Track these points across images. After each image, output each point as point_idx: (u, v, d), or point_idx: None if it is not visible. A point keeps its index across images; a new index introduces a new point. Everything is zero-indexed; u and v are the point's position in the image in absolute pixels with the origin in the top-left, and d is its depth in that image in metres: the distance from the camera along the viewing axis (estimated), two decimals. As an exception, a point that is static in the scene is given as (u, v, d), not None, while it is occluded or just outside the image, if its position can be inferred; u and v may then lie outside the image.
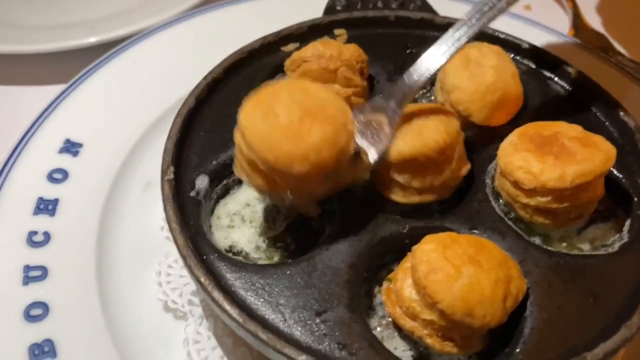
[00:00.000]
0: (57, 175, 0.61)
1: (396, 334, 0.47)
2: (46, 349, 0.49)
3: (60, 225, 0.58)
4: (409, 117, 0.51)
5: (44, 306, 0.52)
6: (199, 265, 0.45)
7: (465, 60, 0.57)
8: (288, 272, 0.46)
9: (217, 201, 0.54)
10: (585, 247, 0.52)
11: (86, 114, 0.67)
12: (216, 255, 0.47)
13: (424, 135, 0.50)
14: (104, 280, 0.55)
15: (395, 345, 0.46)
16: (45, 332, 0.50)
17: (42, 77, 0.78)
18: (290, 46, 0.65)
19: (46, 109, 0.66)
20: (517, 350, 0.43)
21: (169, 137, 0.54)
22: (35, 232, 0.56)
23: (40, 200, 0.59)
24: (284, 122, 0.43)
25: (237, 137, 0.45)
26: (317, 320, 0.44)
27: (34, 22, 0.83)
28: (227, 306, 0.43)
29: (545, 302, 0.45)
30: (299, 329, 0.43)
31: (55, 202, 0.59)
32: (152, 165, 0.65)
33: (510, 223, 0.51)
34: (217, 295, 0.43)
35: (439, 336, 0.43)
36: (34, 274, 0.53)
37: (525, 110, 0.59)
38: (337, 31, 0.67)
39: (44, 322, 0.51)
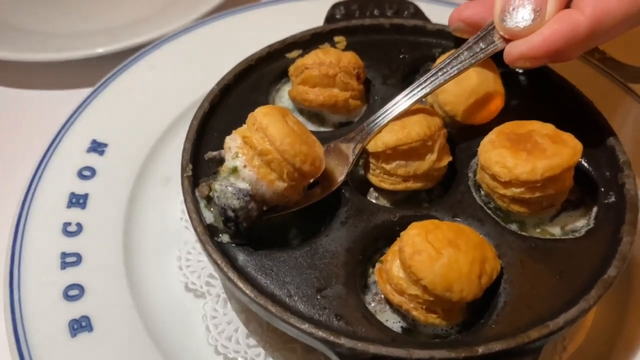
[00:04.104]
0: (86, 173, 0.68)
1: (387, 308, 0.53)
2: (83, 324, 0.56)
3: (91, 217, 0.64)
4: (396, 117, 0.58)
5: (80, 287, 0.58)
6: (216, 250, 0.52)
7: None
8: (293, 255, 0.53)
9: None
10: (557, 233, 0.57)
11: (110, 116, 0.74)
12: (228, 241, 0.54)
13: (407, 128, 0.57)
14: (131, 264, 0.62)
15: (387, 317, 0.52)
16: (82, 309, 0.57)
17: (67, 82, 0.84)
18: (294, 53, 0.72)
19: (74, 112, 0.73)
20: (491, 320, 0.49)
21: (187, 138, 0.60)
22: (69, 223, 0.63)
23: (72, 195, 0.66)
24: (297, 130, 0.52)
25: (251, 135, 0.52)
26: (318, 296, 0.50)
27: (59, 30, 0.89)
28: (241, 284, 0.49)
29: (517, 280, 0.51)
30: (303, 303, 0.50)
31: (86, 196, 0.66)
32: (170, 163, 0.72)
33: (489, 212, 0.57)
34: (232, 275, 0.50)
35: (424, 309, 0.50)
36: (69, 260, 0.60)
37: (505, 110, 0.65)
38: (336, 38, 0.73)
39: (80, 301, 0.57)
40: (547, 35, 0.50)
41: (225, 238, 0.54)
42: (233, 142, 0.53)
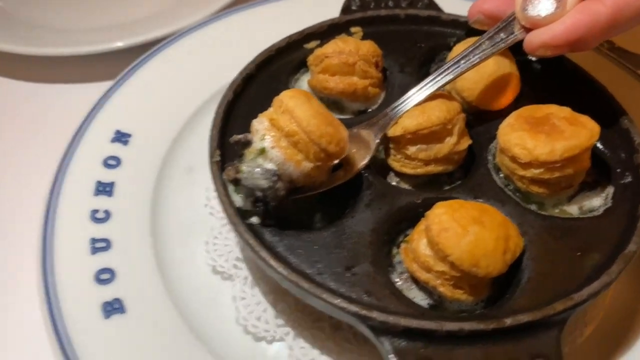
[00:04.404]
0: (112, 162, 0.70)
1: (414, 286, 0.54)
2: (116, 306, 0.57)
3: (118, 204, 0.66)
4: (419, 103, 0.60)
5: (111, 271, 0.60)
6: (247, 231, 0.53)
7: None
8: (320, 235, 0.54)
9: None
10: (575, 212, 0.59)
11: (132, 108, 0.75)
12: (259, 223, 0.55)
13: (427, 113, 0.58)
14: (159, 249, 0.63)
15: (414, 295, 0.54)
16: (114, 292, 0.58)
17: (87, 76, 0.86)
18: (312, 43, 0.73)
19: (97, 104, 0.74)
20: (516, 295, 0.50)
21: (213, 125, 0.62)
22: (97, 210, 0.65)
23: (99, 183, 0.67)
24: (323, 112, 0.54)
25: (278, 117, 0.53)
26: (347, 274, 0.52)
27: (79, 26, 0.91)
28: (273, 263, 0.51)
29: (539, 257, 0.53)
30: (333, 280, 0.51)
31: (112, 184, 0.67)
32: (192, 152, 0.74)
33: (509, 193, 0.59)
34: (265, 254, 0.51)
35: (450, 285, 0.51)
36: (99, 245, 0.62)
37: (520, 95, 0.67)
38: (353, 29, 0.75)
39: (112, 285, 0.59)
40: (569, 24, 0.52)
41: (254, 220, 0.55)
42: (260, 124, 0.54)
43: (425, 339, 0.47)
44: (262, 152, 0.52)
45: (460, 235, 0.49)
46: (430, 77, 0.60)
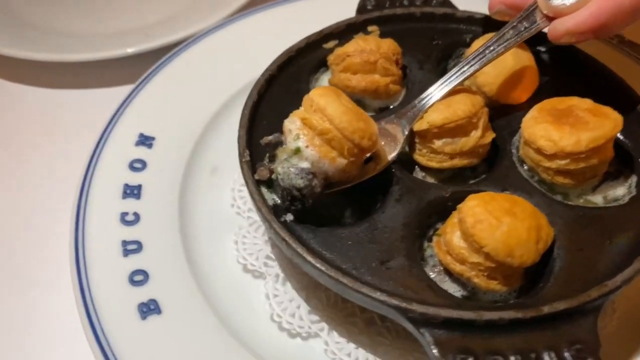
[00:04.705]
0: (137, 165, 0.70)
1: (447, 278, 0.55)
2: (152, 306, 0.58)
3: (146, 206, 0.66)
4: (446, 94, 0.61)
5: (144, 273, 0.60)
6: (283, 228, 0.54)
7: (487, 47, 0.67)
8: (354, 231, 0.55)
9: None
10: (600, 202, 0.60)
11: (153, 111, 0.76)
12: (292, 220, 0.56)
13: (452, 107, 0.59)
14: (189, 249, 0.64)
15: (447, 287, 0.54)
16: (149, 293, 0.59)
17: (107, 80, 0.87)
18: (331, 43, 0.74)
19: (119, 108, 0.75)
20: (549, 284, 0.51)
21: (240, 126, 0.63)
22: (127, 213, 0.65)
23: (126, 186, 0.68)
24: (352, 108, 0.55)
25: (310, 116, 0.54)
26: (383, 268, 0.52)
27: (96, 31, 0.92)
28: (311, 258, 0.52)
29: (569, 246, 0.54)
30: (369, 274, 0.52)
31: (139, 187, 0.68)
32: (215, 153, 0.74)
33: (535, 184, 0.60)
34: (302, 250, 0.52)
35: (485, 276, 0.52)
36: (131, 247, 0.62)
37: (540, 88, 0.68)
38: (370, 28, 0.76)
39: (146, 286, 0.59)
40: (594, 10, 0.53)
41: (288, 217, 0.56)
42: (292, 124, 0.55)
43: (464, 329, 0.48)
44: (297, 151, 0.53)
45: (494, 226, 0.50)
46: (457, 68, 0.61)
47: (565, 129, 0.57)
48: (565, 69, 0.70)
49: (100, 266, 0.61)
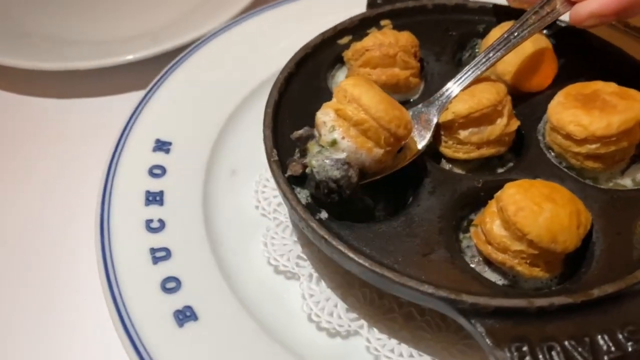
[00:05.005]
0: (157, 171, 0.69)
1: (487, 268, 0.55)
2: (188, 313, 0.57)
3: (170, 212, 0.65)
4: (465, 88, 0.61)
5: (176, 280, 0.59)
6: (321, 226, 0.53)
7: (505, 36, 0.67)
8: (391, 225, 0.55)
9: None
10: (629, 184, 0.60)
11: (167, 115, 0.74)
12: (327, 217, 0.55)
13: (477, 96, 0.59)
14: (218, 253, 0.63)
15: (487, 277, 0.55)
16: (183, 300, 0.58)
17: (117, 87, 0.85)
18: (345, 39, 0.73)
19: (132, 115, 0.73)
20: (592, 268, 0.51)
21: (265, 126, 0.61)
22: (151, 220, 0.64)
23: (148, 193, 0.66)
24: (387, 97, 0.54)
25: (344, 107, 0.53)
26: (425, 261, 0.52)
27: (102, 38, 0.90)
28: (353, 255, 0.51)
29: (607, 229, 0.54)
30: (412, 268, 0.51)
31: (161, 193, 0.67)
32: (233, 155, 0.73)
33: (565, 170, 0.60)
34: (343, 247, 0.51)
35: (527, 263, 0.52)
36: (159, 255, 0.61)
37: (559, 76, 0.68)
38: (383, 22, 0.75)
39: (179, 293, 0.58)
40: None
41: (323, 215, 0.55)
42: (326, 116, 0.54)
43: (516, 318, 0.48)
44: (334, 143, 0.52)
45: (536, 213, 0.50)
46: (483, 54, 0.61)
47: (595, 113, 0.57)
48: (581, 54, 0.71)
49: (131, 276, 0.59)
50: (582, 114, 0.57)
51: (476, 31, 0.75)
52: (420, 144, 0.59)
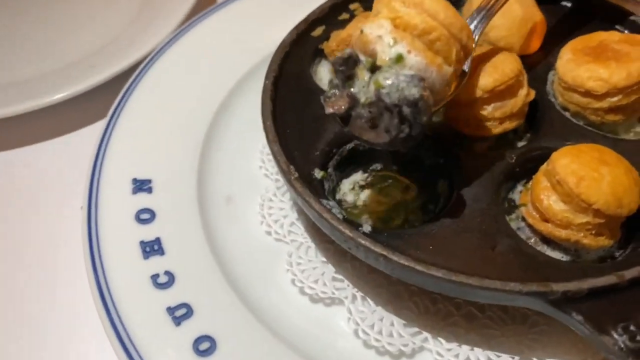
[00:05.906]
0: (145, 216, 0.58)
1: (546, 247, 0.51)
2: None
3: (176, 262, 0.55)
4: (477, 62, 0.56)
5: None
6: (375, 242, 0.47)
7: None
8: (443, 224, 0.50)
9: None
10: (648, 132, 0.59)
11: (139, 148, 0.64)
12: (370, 230, 0.49)
13: (499, 68, 0.55)
14: (243, 296, 0.55)
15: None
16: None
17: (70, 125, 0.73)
18: (318, 30, 0.67)
19: (97, 153, 0.62)
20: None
21: (271, 142, 0.55)
22: (157, 275, 0.54)
23: (143, 243, 0.56)
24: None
25: (401, 14, 0.44)
26: (494, 254, 0.47)
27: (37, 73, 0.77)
28: (423, 268, 0.45)
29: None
30: (485, 266, 0.46)
31: (158, 241, 0.57)
32: (223, 181, 0.65)
33: (590, 128, 0.57)
34: (408, 261, 0.45)
35: (593, 234, 0.49)
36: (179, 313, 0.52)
37: (548, 35, 0.66)
38: (352, 6, 0.70)
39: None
40: None
41: (366, 228, 0.49)
42: (380, 29, 0.44)
43: (608, 296, 0.44)
44: (399, 60, 0.42)
45: (598, 180, 0.47)
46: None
47: (612, 65, 0.55)
48: (566, 9, 0.69)
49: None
50: (599, 68, 0.55)
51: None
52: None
